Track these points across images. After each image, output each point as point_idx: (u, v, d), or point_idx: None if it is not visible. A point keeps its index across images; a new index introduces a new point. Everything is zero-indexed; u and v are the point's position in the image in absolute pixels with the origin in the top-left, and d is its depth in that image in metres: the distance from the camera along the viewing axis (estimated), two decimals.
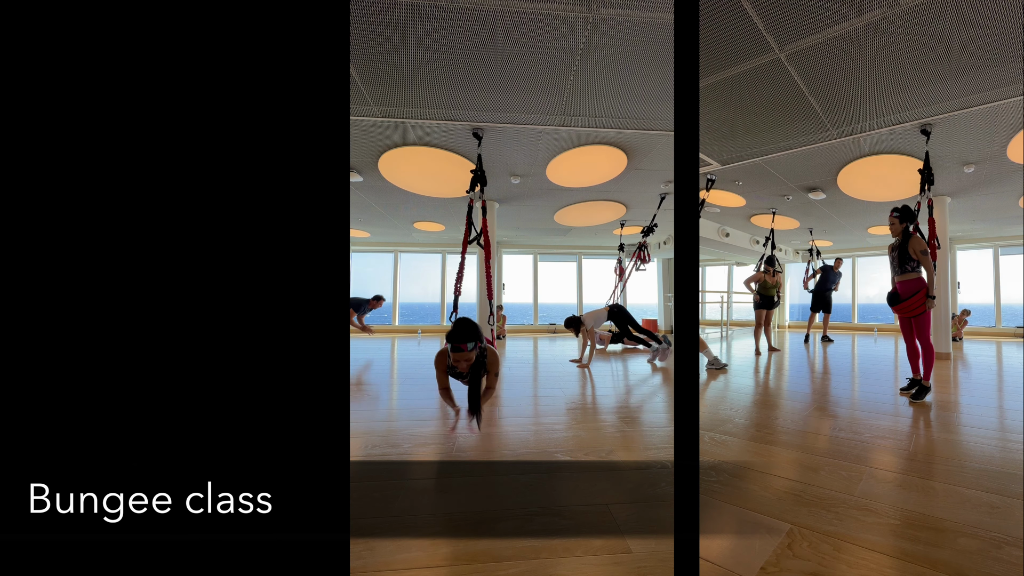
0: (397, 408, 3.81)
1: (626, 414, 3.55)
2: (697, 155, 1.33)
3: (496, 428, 3.03)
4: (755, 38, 3.16)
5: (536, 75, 3.60)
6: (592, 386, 4.76)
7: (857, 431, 2.95)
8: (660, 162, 5.38)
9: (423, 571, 1.58)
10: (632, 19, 2.99)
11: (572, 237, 9.76)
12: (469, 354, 2.84)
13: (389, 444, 2.74)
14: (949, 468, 2.38)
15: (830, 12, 2.91)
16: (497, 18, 2.99)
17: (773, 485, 2.24)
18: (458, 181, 5.45)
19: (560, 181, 6.00)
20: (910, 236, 3.61)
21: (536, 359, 6.61)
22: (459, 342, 2.82)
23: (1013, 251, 9.27)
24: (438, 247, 10.82)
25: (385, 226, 8.75)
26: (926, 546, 1.70)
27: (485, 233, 4.45)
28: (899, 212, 3.67)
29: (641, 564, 1.61)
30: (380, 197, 6.75)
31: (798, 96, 3.85)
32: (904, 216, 3.64)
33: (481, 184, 4.57)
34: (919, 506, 1.98)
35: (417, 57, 3.35)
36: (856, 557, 1.64)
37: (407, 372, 5.52)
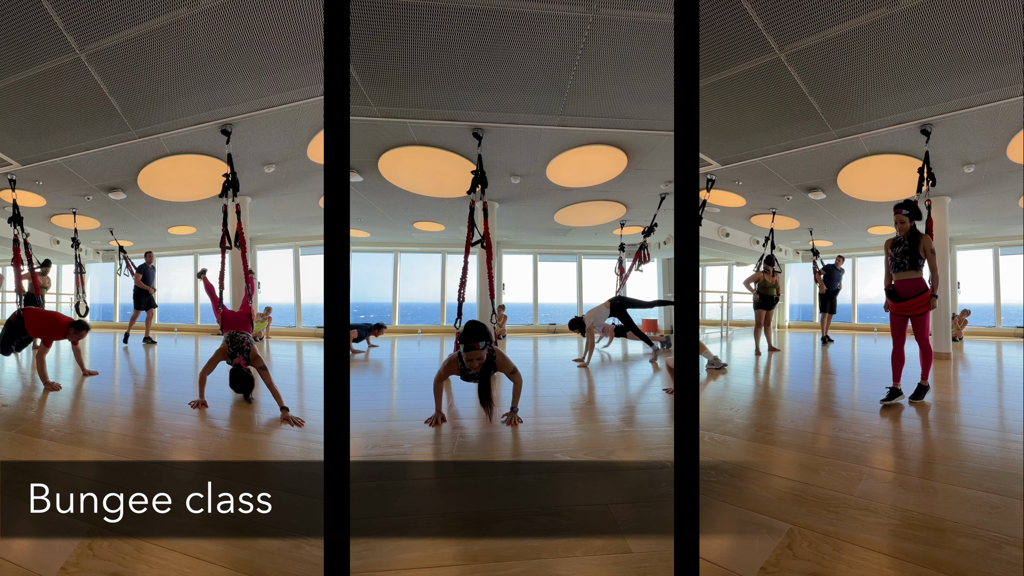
0: (397, 408, 3.81)
1: (626, 414, 3.55)
2: (697, 155, 1.33)
3: (496, 428, 3.03)
4: (755, 38, 3.16)
5: (536, 75, 3.60)
6: (592, 386, 4.76)
7: (857, 431, 2.95)
8: (660, 162, 5.38)
9: (423, 571, 1.58)
10: (632, 19, 2.99)
11: (572, 237, 9.76)
12: (480, 352, 3.09)
13: (389, 444, 2.74)
14: (949, 468, 2.37)
15: (830, 12, 2.91)
16: (497, 18, 2.99)
17: (773, 485, 2.24)
18: (458, 181, 5.45)
19: (560, 181, 6.00)
20: (919, 235, 3.57)
21: (536, 359, 6.61)
22: (472, 342, 3.06)
23: (1013, 251, 9.26)
24: (438, 247, 10.81)
25: (385, 226, 8.75)
26: (926, 546, 1.69)
27: (487, 236, 4.52)
28: (908, 210, 3.60)
29: (641, 564, 1.61)
30: (380, 197, 6.74)
31: (798, 96, 3.85)
32: (913, 214, 3.59)
33: (482, 185, 4.59)
34: (919, 506, 1.98)
35: (417, 57, 3.35)
36: (856, 557, 1.64)
37: (407, 372, 5.52)
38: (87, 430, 2.94)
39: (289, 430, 2.95)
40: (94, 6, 2.85)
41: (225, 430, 3.00)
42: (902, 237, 3.63)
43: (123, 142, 4.58)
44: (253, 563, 1.60)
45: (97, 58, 3.30)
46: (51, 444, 2.57)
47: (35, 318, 4.32)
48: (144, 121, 4.21)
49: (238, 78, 3.58)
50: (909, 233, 3.60)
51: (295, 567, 1.60)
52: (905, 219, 3.58)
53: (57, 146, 4.71)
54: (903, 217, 3.58)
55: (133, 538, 1.70)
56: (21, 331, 4.30)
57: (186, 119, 4.19)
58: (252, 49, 3.21)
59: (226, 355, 3.59)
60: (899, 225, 3.58)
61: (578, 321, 5.94)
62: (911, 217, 3.59)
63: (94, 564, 1.56)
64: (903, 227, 3.58)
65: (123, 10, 2.88)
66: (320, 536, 1.67)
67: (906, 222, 3.58)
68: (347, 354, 1.29)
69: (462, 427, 3.10)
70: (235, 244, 4.43)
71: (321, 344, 1.60)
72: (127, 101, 3.88)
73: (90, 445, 2.66)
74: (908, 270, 3.58)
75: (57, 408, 3.52)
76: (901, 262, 3.61)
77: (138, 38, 3.10)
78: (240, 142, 4.49)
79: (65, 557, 1.58)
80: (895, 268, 3.65)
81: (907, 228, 3.58)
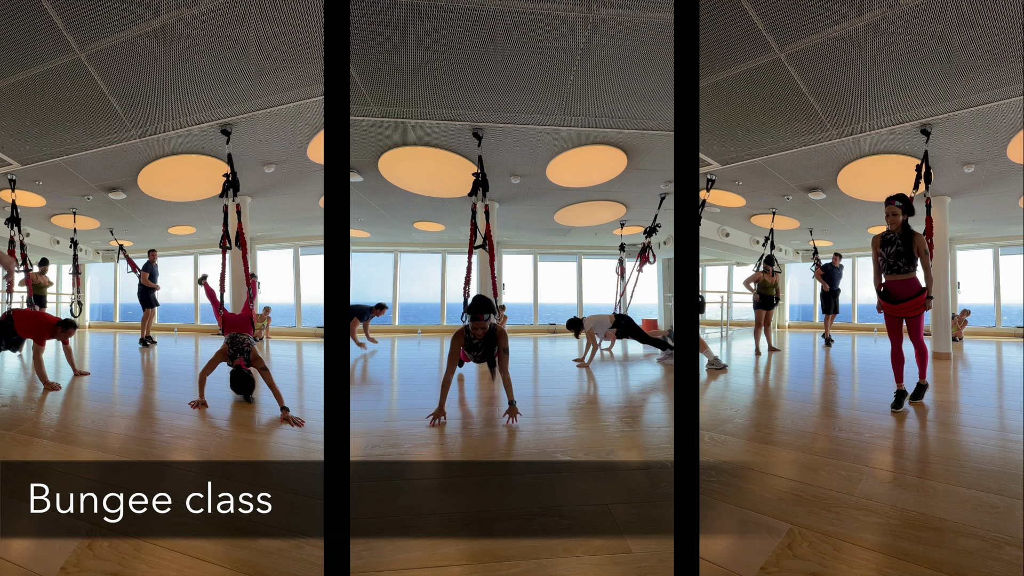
0: (397, 408, 3.81)
1: (626, 414, 3.55)
2: (697, 155, 1.33)
3: (496, 428, 3.03)
4: (755, 38, 3.16)
5: (536, 75, 3.60)
6: (593, 386, 4.76)
7: (857, 431, 2.95)
8: (660, 162, 5.38)
9: (423, 571, 1.58)
10: (632, 19, 2.99)
11: (572, 237, 9.76)
12: (484, 323, 3.46)
13: (389, 444, 2.74)
14: (949, 468, 2.37)
15: (830, 12, 2.91)
16: (497, 18, 2.99)
17: (773, 485, 2.24)
18: (458, 181, 5.44)
19: (560, 181, 6.00)
20: (912, 233, 3.40)
21: (536, 359, 6.61)
22: (478, 312, 3.45)
23: (1013, 251, 9.26)
24: (438, 247, 10.81)
25: (385, 226, 8.75)
26: (926, 546, 1.69)
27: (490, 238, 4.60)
28: (901, 202, 3.40)
29: (641, 564, 1.61)
30: (380, 197, 6.74)
31: (798, 96, 3.85)
32: (907, 207, 3.38)
33: (483, 188, 4.62)
34: (919, 506, 1.98)
35: (417, 57, 3.35)
36: (856, 557, 1.64)
37: (407, 372, 5.52)
38: (87, 430, 2.94)
39: (289, 430, 2.95)
40: (94, 6, 2.85)
41: (225, 430, 3.01)
42: (894, 234, 3.44)
43: (123, 142, 4.59)
44: (253, 563, 1.60)
45: (97, 58, 3.30)
46: (51, 444, 2.57)
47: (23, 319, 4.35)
48: (144, 121, 4.22)
49: (238, 78, 3.58)
50: (901, 230, 3.42)
51: (295, 567, 1.60)
52: (898, 211, 3.40)
53: (57, 146, 4.72)
54: (895, 209, 3.40)
55: (133, 538, 1.70)
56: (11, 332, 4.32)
57: (186, 119, 4.19)
58: (252, 49, 3.21)
59: (226, 356, 3.61)
60: (891, 218, 3.39)
61: (576, 322, 6.03)
62: (904, 211, 3.42)
63: (94, 564, 1.56)
64: (895, 220, 3.39)
65: (123, 10, 2.88)
66: (320, 536, 1.67)
67: (899, 215, 3.39)
68: (347, 354, 1.29)
69: (462, 427, 3.10)
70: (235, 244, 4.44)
71: (321, 344, 1.60)
72: (127, 101, 3.89)
73: (90, 445, 2.66)
74: (903, 272, 3.42)
75: (57, 408, 3.52)
76: (895, 264, 3.45)
77: (138, 38, 3.10)
78: (240, 142, 4.49)
79: (65, 557, 1.58)
80: (888, 269, 3.49)
81: (899, 222, 3.40)
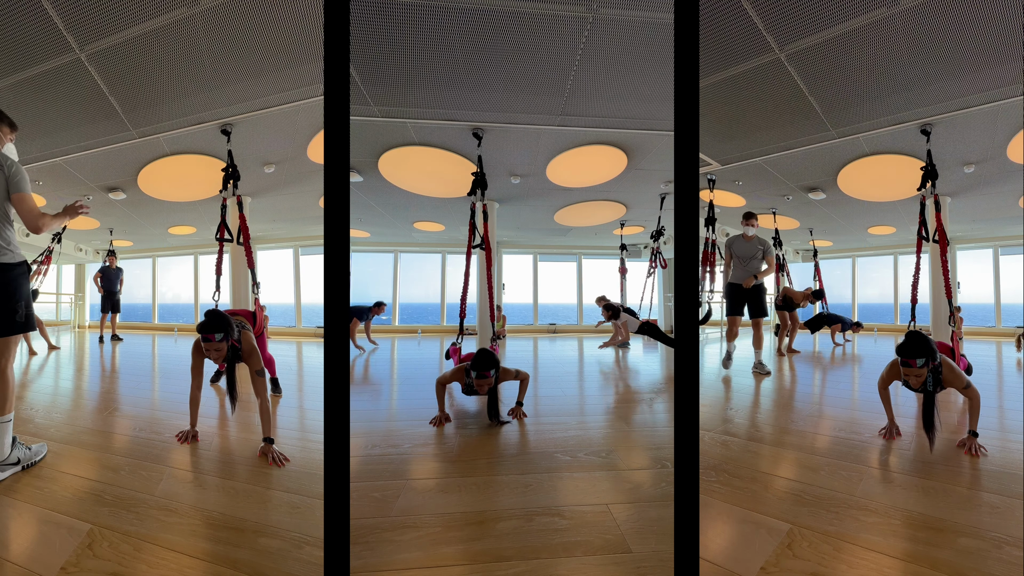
0: (397, 408, 3.81)
1: (626, 414, 3.55)
2: (697, 155, 1.32)
3: (496, 428, 3.03)
4: (755, 38, 3.16)
5: (536, 75, 3.60)
6: (593, 386, 4.76)
7: (857, 431, 2.95)
8: (660, 162, 5.38)
9: (423, 571, 1.58)
10: (632, 19, 2.99)
11: (572, 237, 9.75)
12: (490, 380, 3.10)
13: (389, 444, 2.74)
14: (949, 468, 2.38)
15: (830, 12, 2.91)
16: (497, 18, 2.99)
17: (773, 485, 2.24)
18: (458, 181, 5.44)
19: (560, 181, 6.00)
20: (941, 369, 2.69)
21: (536, 359, 6.61)
22: (484, 370, 3.07)
23: (1013, 251, 9.26)
24: (438, 247, 10.80)
25: (385, 226, 8.74)
26: (926, 546, 1.69)
27: (487, 239, 4.59)
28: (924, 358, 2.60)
29: (641, 564, 1.61)
30: (380, 197, 6.74)
31: (798, 96, 3.85)
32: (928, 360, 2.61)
33: (482, 188, 4.62)
34: (919, 506, 1.98)
35: (417, 57, 3.35)
36: (856, 557, 1.64)
37: (407, 372, 5.52)
38: (87, 430, 2.94)
39: (289, 430, 2.95)
40: (94, 6, 2.86)
41: (225, 430, 3.01)
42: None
43: (123, 142, 4.60)
44: (253, 563, 1.60)
45: (97, 58, 3.30)
46: (51, 444, 2.57)
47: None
48: (144, 121, 4.22)
49: (238, 78, 3.58)
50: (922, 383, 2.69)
51: (295, 567, 1.60)
52: (922, 372, 2.64)
53: (57, 146, 4.73)
54: (920, 371, 2.63)
55: (133, 538, 1.69)
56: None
57: (186, 119, 4.19)
58: (252, 49, 3.22)
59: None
60: (914, 379, 2.67)
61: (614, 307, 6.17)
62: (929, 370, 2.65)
63: (94, 564, 1.56)
64: (918, 381, 2.67)
65: (123, 10, 2.89)
66: (320, 536, 1.67)
67: (923, 375, 2.65)
68: (347, 354, 1.28)
69: (463, 427, 3.10)
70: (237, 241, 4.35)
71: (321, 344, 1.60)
72: (127, 101, 3.89)
73: (90, 445, 2.66)
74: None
75: (57, 408, 3.52)
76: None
77: (138, 38, 3.10)
78: (240, 142, 4.49)
79: (65, 557, 1.58)
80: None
81: (922, 381, 2.68)
